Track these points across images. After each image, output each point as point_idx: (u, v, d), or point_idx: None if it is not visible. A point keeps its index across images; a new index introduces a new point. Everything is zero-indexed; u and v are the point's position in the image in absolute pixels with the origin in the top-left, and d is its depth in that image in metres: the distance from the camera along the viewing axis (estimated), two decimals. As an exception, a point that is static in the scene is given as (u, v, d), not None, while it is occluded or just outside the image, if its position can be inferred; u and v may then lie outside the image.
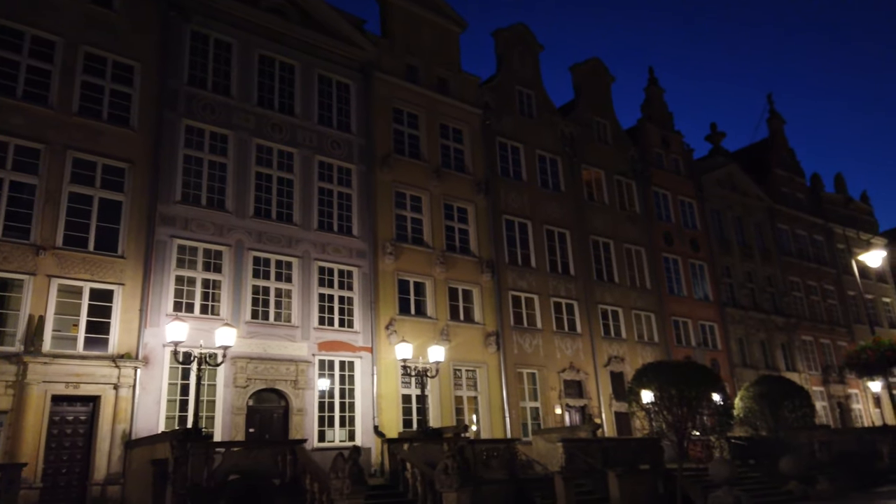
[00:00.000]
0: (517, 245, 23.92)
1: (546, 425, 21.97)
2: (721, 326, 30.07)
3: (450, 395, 20.06)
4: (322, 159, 19.46)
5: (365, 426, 17.92)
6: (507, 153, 24.94)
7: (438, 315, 20.54)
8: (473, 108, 23.91)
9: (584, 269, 25.50)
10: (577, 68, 28.96)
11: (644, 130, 30.78)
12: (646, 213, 29.06)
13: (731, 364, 29.49)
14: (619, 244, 27.31)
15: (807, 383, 32.65)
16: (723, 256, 31.85)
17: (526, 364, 22.51)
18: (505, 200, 24.01)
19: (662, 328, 27.43)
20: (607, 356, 24.88)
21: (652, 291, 27.72)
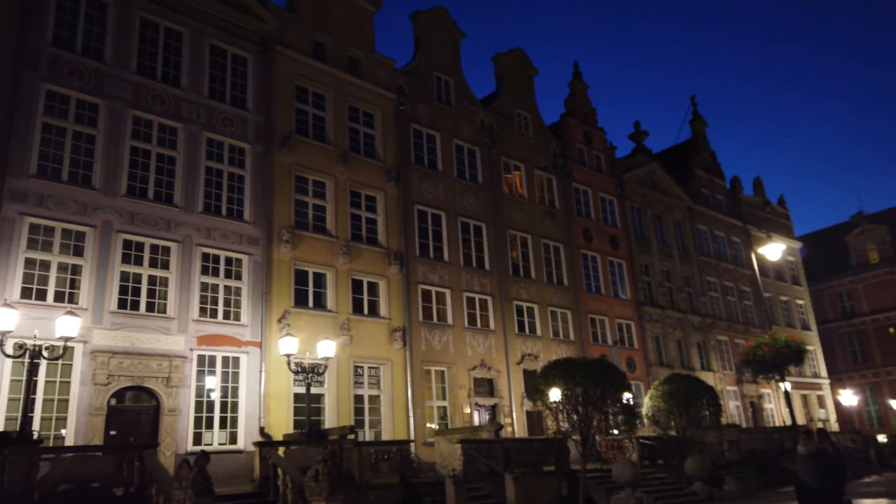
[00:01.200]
0: (430, 237, 22.87)
1: (454, 425, 21.00)
2: (638, 325, 29.91)
3: (348, 394, 18.79)
4: (212, 136, 17.85)
5: (250, 428, 16.45)
6: (423, 141, 23.86)
7: (339, 308, 19.25)
8: (387, 91, 22.71)
9: (500, 264, 24.70)
10: (499, 58, 28.17)
11: (566, 125, 30.32)
12: (566, 208, 28.57)
13: (647, 363, 29.35)
14: (537, 239, 26.67)
15: (721, 382, 32.97)
16: (642, 255, 31.76)
17: (434, 361, 21.48)
18: (418, 190, 22.93)
19: (579, 326, 26.95)
20: (521, 354, 24.15)
21: (569, 288, 27.22)
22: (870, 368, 44.06)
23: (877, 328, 44.03)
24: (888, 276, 43.82)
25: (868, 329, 44.48)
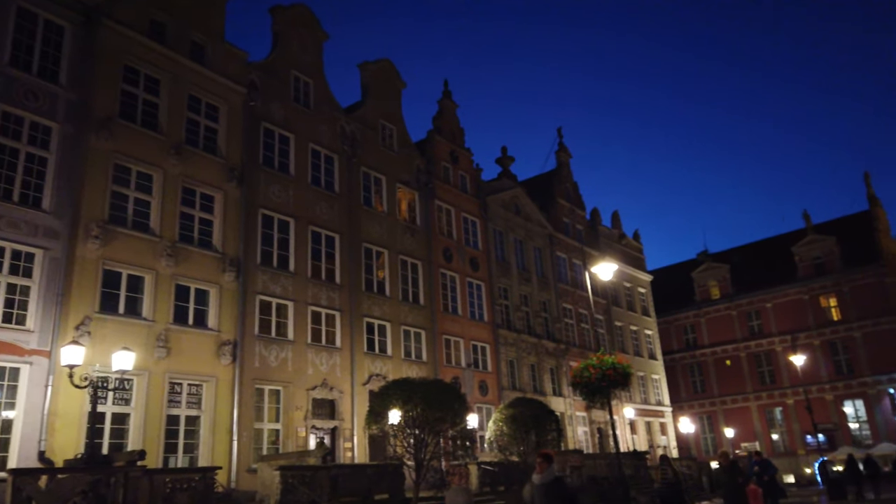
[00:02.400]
0: (275, 245, 21.19)
1: (286, 450, 19.27)
2: (493, 348, 29.66)
3: (160, 414, 16.59)
4: (8, 109, 15.30)
5: (26, 452, 13.89)
6: (274, 142, 22.24)
7: (158, 317, 17.07)
8: (235, 84, 20.95)
9: (353, 279, 23.42)
10: (366, 67, 27.23)
11: (433, 142, 29.84)
12: (427, 226, 27.90)
13: (499, 386, 29.09)
14: (394, 255, 25.70)
15: (571, 408, 33.48)
16: (501, 278, 31.74)
17: (269, 379, 19.69)
18: (265, 193, 21.23)
19: (433, 346, 26.16)
20: (368, 374, 22.88)
21: (425, 307, 26.42)
22: (707, 398, 46.96)
23: (715, 360, 47.11)
24: (727, 312, 47.16)
25: (708, 360, 47.50)
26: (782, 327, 44.10)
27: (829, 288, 42.53)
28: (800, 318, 43.44)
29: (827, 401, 41.51)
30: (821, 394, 41.58)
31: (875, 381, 39.90)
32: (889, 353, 39.36)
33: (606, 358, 11.75)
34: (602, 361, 11.64)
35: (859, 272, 41.27)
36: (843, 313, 41.81)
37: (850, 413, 41.08)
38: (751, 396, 44.67)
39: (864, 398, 40.45)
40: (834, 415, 41.17)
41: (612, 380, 11.48)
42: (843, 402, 41.24)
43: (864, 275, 41.12)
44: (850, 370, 41.12)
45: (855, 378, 40.65)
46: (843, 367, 41.52)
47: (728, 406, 45.76)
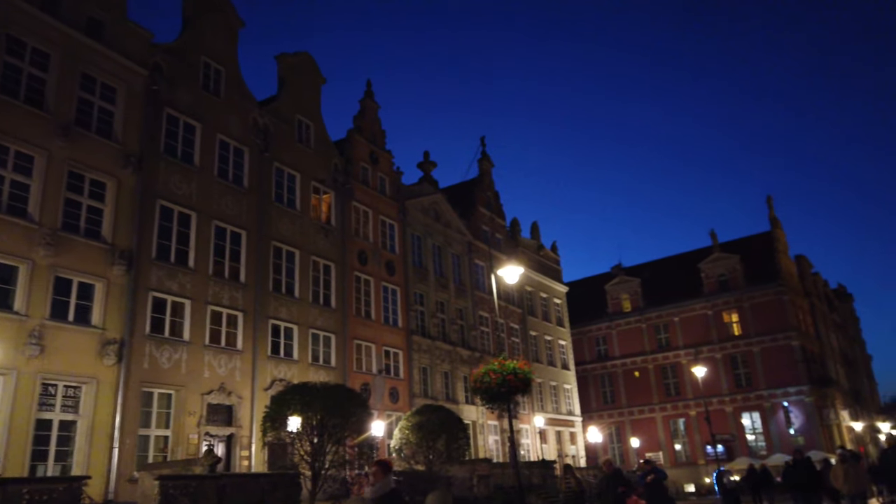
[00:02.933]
0: (173, 238, 19.86)
1: (176, 458, 17.97)
2: (406, 354, 29.10)
3: (28, 418, 15.05)
4: None
5: None
6: (178, 130, 20.93)
7: (31, 311, 15.54)
8: (137, 65, 19.57)
9: (260, 278, 22.33)
10: (283, 59, 26.24)
11: (353, 142, 29.11)
12: (343, 227, 27.10)
13: (411, 394, 28.54)
14: (306, 255, 24.75)
15: (483, 416, 33.33)
16: (418, 283, 31.28)
17: (159, 382, 18.35)
18: (165, 183, 19.90)
19: (343, 351, 25.33)
20: (271, 378, 21.81)
21: (337, 311, 25.58)
22: (617, 408, 48.10)
23: (625, 371, 48.36)
24: (637, 324, 48.54)
25: (618, 372, 48.70)
26: (688, 341, 45.78)
27: (732, 304, 44.52)
28: (704, 332, 45.22)
29: (727, 413, 43.31)
30: (721, 406, 43.35)
31: (770, 394, 41.96)
32: (784, 367, 41.51)
33: (508, 363, 11.43)
34: (503, 366, 11.31)
35: (759, 290, 43.41)
36: (743, 328, 43.83)
37: (747, 425, 43.00)
38: (657, 407, 46.07)
39: (760, 411, 42.45)
40: (733, 426, 42.99)
41: (512, 386, 11.17)
42: (742, 415, 43.13)
43: (763, 292, 43.27)
44: (748, 383, 43.10)
45: (753, 391, 42.62)
46: (742, 380, 43.47)
47: (635, 416, 47.01)
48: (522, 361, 11.83)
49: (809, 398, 40.66)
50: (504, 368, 11.31)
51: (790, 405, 41.09)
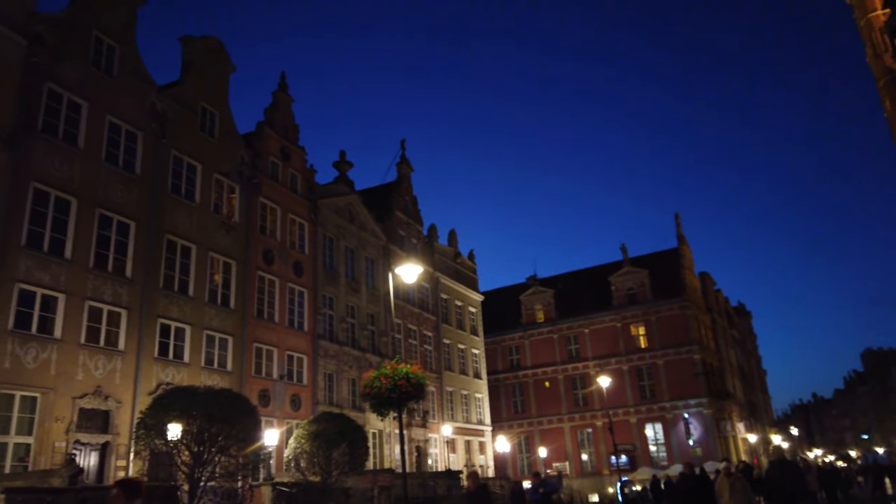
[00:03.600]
0: (48, 226, 18.02)
1: (38, 468, 16.14)
2: (312, 360, 27.89)
3: None
4: None
5: None
6: (62, 107, 19.09)
7: None
8: (14, 34, 17.69)
9: (149, 273, 20.66)
10: (189, 42, 24.68)
11: (263, 136, 27.75)
12: (248, 224, 25.68)
13: (314, 401, 27.32)
14: (204, 252, 23.20)
15: (390, 425, 32.45)
16: (328, 286, 30.14)
17: (21, 384, 16.48)
18: (42, 165, 18.04)
19: (241, 355, 23.88)
20: (157, 382, 20.16)
21: (236, 312, 24.12)
22: (526, 418, 48.33)
23: (536, 381, 48.70)
24: (549, 335, 49.05)
25: (529, 382, 48.99)
26: (597, 352, 46.62)
27: (640, 317, 45.71)
28: (612, 344, 46.18)
29: (631, 424, 44.28)
30: (626, 417, 44.28)
31: (672, 405, 43.23)
32: (686, 380, 42.89)
33: (400, 367, 10.72)
34: (395, 371, 10.60)
35: (665, 304, 44.78)
36: (649, 341, 45.05)
37: (650, 436, 44.11)
38: (565, 418, 46.59)
39: (662, 422, 43.65)
40: (636, 437, 43.99)
41: (403, 392, 10.47)
42: (645, 426, 44.22)
43: (668, 307, 44.66)
44: (652, 395, 44.26)
45: (656, 402, 43.78)
46: (646, 392, 44.61)
47: (544, 426, 47.37)
48: (416, 366, 11.15)
49: (708, 410, 42.15)
50: (396, 373, 10.59)
51: (690, 417, 42.46)
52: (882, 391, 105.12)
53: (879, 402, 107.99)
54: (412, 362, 11.48)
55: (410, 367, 10.84)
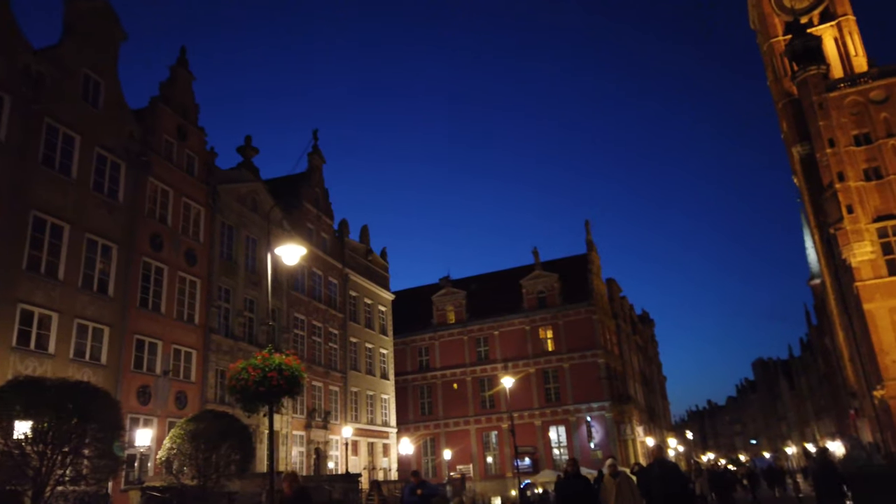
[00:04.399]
0: None
1: None
2: (202, 355, 26.01)
3: None
4: None
5: None
6: None
7: None
8: None
9: (9, 253, 18.42)
10: (74, 3, 22.41)
11: (156, 112, 25.69)
12: (134, 205, 23.60)
13: (203, 399, 25.47)
14: (79, 232, 21.03)
15: (288, 426, 30.91)
16: (224, 277, 28.30)
17: None
18: None
19: (118, 347, 21.82)
20: (14, 374, 17.91)
21: (115, 300, 22.03)
22: (433, 420, 47.69)
23: (444, 383, 48.16)
24: (460, 336, 48.66)
25: (438, 383, 48.39)
26: (506, 354, 46.62)
27: (548, 320, 46.06)
28: (521, 346, 46.31)
29: (535, 426, 44.49)
30: (531, 419, 44.45)
31: (576, 408, 43.75)
32: (590, 384, 43.51)
33: (273, 357, 9.63)
34: (266, 361, 9.49)
35: (573, 308, 45.35)
36: (556, 345, 45.46)
37: (553, 438, 44.46)
38: (472, 420, 46.28)
39: (566, 425, 44.08)
40: (540, 440, 44.22)
41: (274, 385, 9.38)
42: (549, 428, 44.54)
43: (576, 311, 45.25)
44: (557, 398, 44.65)
45: (560, 405, 44.16)
46: (552, 394, 44.96)
47: (451, 429, 46.88)
48: (292, 356, 10.08)
49: (610, 414, 42.92)
50: (267, 364, 9.48)
51: (592, 420, 43.10)
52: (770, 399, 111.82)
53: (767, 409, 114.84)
54: (288, 353, 10.36)
55: (285, 357, 9.75)
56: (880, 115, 36.94)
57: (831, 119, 37.70)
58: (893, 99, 36.88)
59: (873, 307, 34.72)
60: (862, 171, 36.64)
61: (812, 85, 38.76)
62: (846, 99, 37.93)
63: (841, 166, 36.85)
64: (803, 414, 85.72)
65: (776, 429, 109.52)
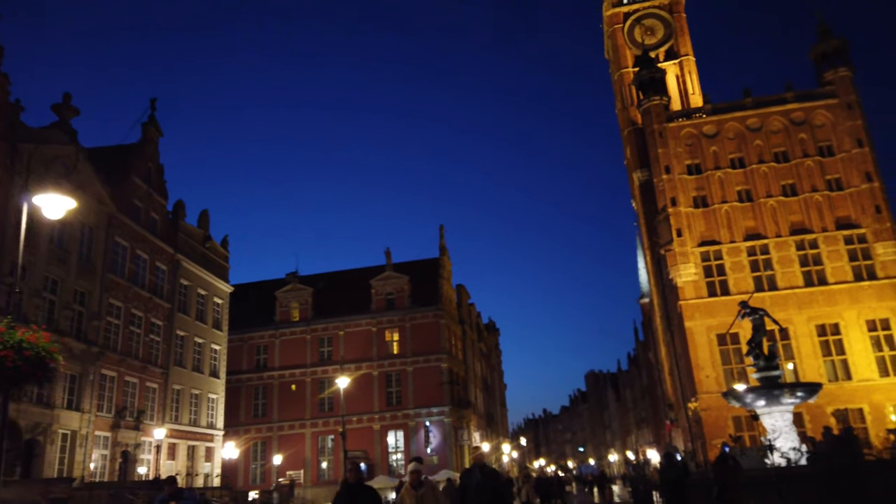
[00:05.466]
0: None
1: None
2: (-20, 339, 21.97)
3: None
4: None
5: None
6: None
7: None
8: None
9: None
10: None
11: (-56, 45, 21.48)
12: None
13: (-24, 392, 21.48)
14: None
15: (89, 426, 27.24)
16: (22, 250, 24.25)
17: None
18: None
19: None
20: None
21: None
22: (266, 422, 44.94)
23: (282, 384, 45.60)
24: (303, 335, 46.38)
25: (275, 384, 45.72)
26: (350, 356, 45.09)
27: (395, 323, 45.21)
28: (366, 348, 45.02)
29: (374, 430, 43.32)
30: (370, 423, 43.24)
31: (416, 413, 43.17)
32: (431, 388, 43.16)
33: (12, 333, 7.59)
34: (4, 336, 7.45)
35: (421, 312, 44.87)
36: (402, 348, 44.70)
37: (391, 443, 43.54)
38: (308, 423, 44.18)
39: (405, 429, 43.33)
40: (378, 444, 43.10)
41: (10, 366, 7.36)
42: (388, 433, 43.56)
43: (423, 315, 44.82)
44: (398, 402, 43.82)
45: (401, 409, 43.37)
46: (393, 398, 44.06)
47: (285, 432, 44.44)
48: (40, 332, 8.05)
49: (449, 419, 42.80)
50: (5, 340, 7.43)
51: (431, 425, 42.74)
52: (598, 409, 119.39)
53: (595, 419, 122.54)
54: (34, 328, 8.28)
55: (29, 333, 7.73)
56: (710, 148, 40.21)
57: (669, 147, 40.47)
58: (722, 135, 40.32)
59: (693, 325, 37.48)
60: (692, 198, 39.62)
61: (655, 114, 41.43)
62: (682, 130, 40.91)
63: (674, 192, 39.61)
64: (626, 424, 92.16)
65: (602, 437, 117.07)
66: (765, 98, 40.63)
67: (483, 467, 7.60)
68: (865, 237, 36.83)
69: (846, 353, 35.38)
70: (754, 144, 39.73)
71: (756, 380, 17.31)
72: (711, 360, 36.64)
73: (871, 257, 36.45)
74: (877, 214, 36.69)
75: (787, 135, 39.54)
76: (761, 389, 16.53)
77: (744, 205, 38.74)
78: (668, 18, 53.34)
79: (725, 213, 38.80)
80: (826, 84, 39.82)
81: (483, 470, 7.51)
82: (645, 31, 53.62)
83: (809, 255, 37.26)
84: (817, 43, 40.65)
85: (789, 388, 16.38)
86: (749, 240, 38.07)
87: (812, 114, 39.47)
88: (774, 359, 16.87)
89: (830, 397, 32.07)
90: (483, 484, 7.22)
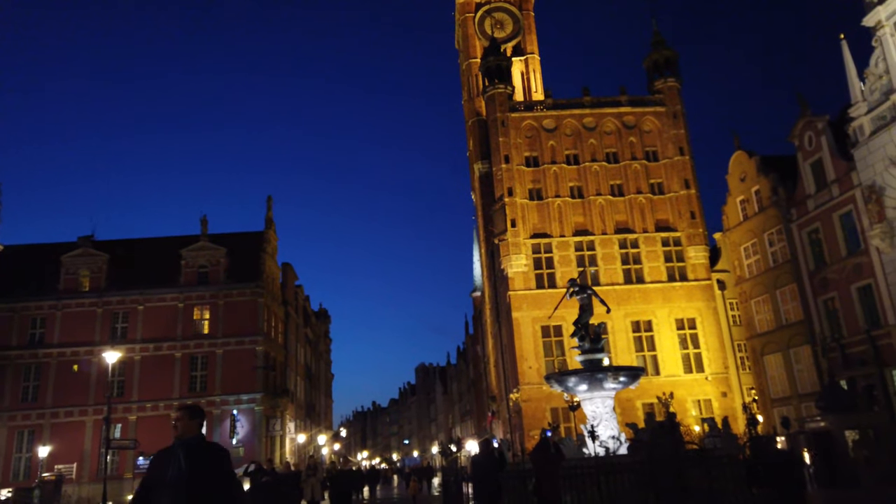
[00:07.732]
0: None
1: None
2: None
3: None
4: None
5: None
6: None
7: None
8: None
9: None
10: None
11: None
12: None
13: None
14: None
15: None
16: None
17: None
18: None
19: None
20: None
21: None
22: (38, 408, 38.13)
23: (62, 363, 38.97)
24: (92, 308, 40.02)
25: (52, 363, 38.95)
26: (149, 334, 39.61)
27: (207, 299, 40.46)
28: (170, 326, 39.80)
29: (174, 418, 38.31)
30: (168, 411, 38.18)
31: (223, 400, 38.88)
32: (243, 373, 39.13)
33: None
34: None
35: (238, 288, 40.61)
36: (212, 328, 40.08)
37: (192, 433, 38.76)
38: (90, 409, 38.06)
39: (209, 418, 38.79)
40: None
41: None
42: (189, 421, 38.73)
43: (241, 292, 40.60)
44: (203, 388, 39.16)
45: (206, 396, 38.77)
46: (197, 384, 39.32)
47: (61, 419, 37.96)
48: None
49: (260, 407, 39.06)
50: None
51: (239, 414, 38.75)
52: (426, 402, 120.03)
53: (422, 412, 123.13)
54: None
55: None
56: (549, 142, 40.40)
57: (510, 137, 40.08)
58: (560, 130, 40.70)
59: (520, 316, 37.27)
60: (528, 190, 39.53)
61: (498, 102, 40.87)
62: (524, 122, 40.74)
63: (511, 182, 39.26)
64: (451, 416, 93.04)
65: (427, 430, 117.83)
66: (602, 99, 41.67)
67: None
68: (680, 240, 38.92)
69: (657, 350, 37.05)
70: (589, 143, 40.55)
71: (580, 362, 16.36)
72: (535, 351, 36.65)
73: (684, 259, 38.59)
74: (691, 219, 38.91)
75: (618, 137, 40.80)
76: (584, 373, 15.52)
77: (575, 201, 39.34)
78: (518, 15, 53.65)
79: (558, 207, 39.13)
80: (656, 92, 41.69)
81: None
82: (495, 23, 53.46)
83: (630, 254, 38.64)
84: (651, 53, 42.50)
85: (613, 371, 15.52)
86: (577, 235, 38.69)
87: (642, 119, 41.10)
88: (600, 341, 15.99)
89: (640, 391, 33.10)
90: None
